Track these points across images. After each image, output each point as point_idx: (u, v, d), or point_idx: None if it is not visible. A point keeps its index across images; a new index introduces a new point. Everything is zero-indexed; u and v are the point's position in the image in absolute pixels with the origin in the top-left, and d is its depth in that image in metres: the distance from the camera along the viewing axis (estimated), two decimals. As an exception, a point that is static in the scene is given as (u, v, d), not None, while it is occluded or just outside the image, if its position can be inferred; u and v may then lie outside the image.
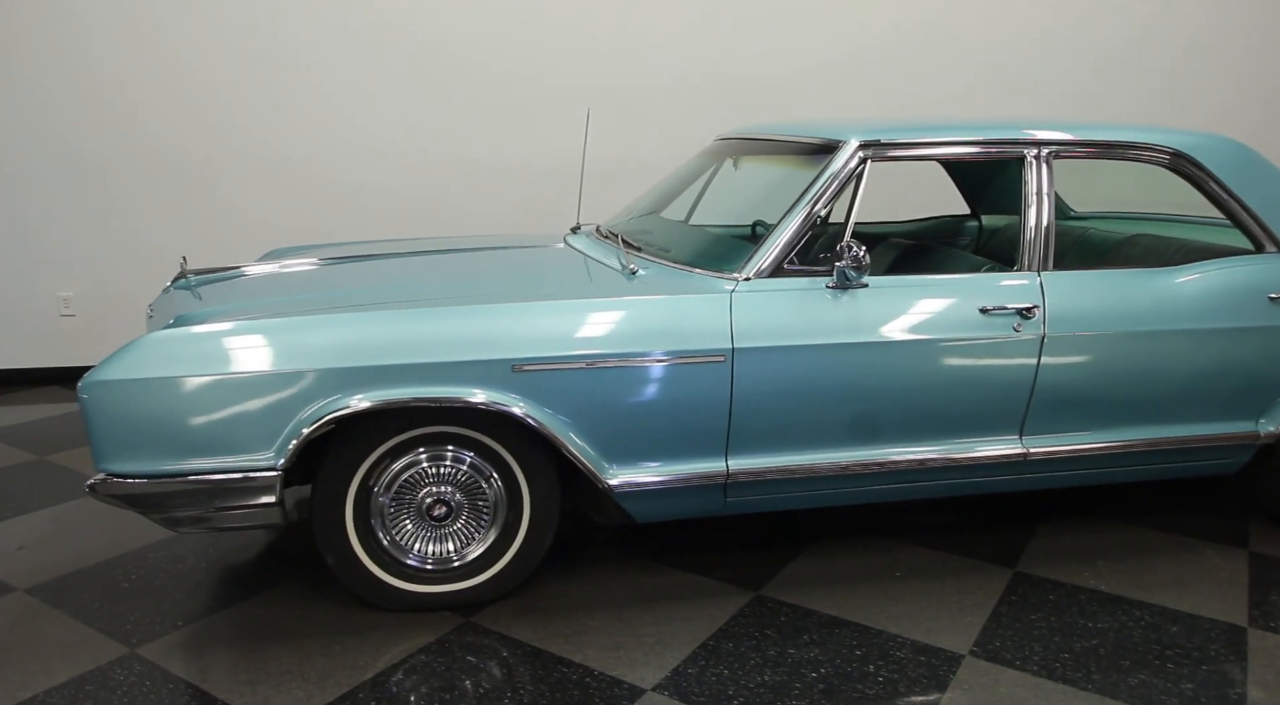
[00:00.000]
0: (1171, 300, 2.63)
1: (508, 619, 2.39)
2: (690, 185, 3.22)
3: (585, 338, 2.28)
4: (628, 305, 2.35)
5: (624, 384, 2.31)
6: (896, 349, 2.44)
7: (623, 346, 2.28)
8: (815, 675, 2.15)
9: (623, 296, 2.37)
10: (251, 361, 2.12)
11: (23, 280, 4.60)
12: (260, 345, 2.14)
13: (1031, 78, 5.20)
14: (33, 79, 4.40)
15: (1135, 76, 5.27)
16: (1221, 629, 2.37)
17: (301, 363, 2.13)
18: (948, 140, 2.64)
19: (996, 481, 2.70)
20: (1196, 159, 2.74)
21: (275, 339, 2.15)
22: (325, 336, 2.16)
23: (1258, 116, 5.32)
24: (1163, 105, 5.29)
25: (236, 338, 2.14)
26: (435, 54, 4.69)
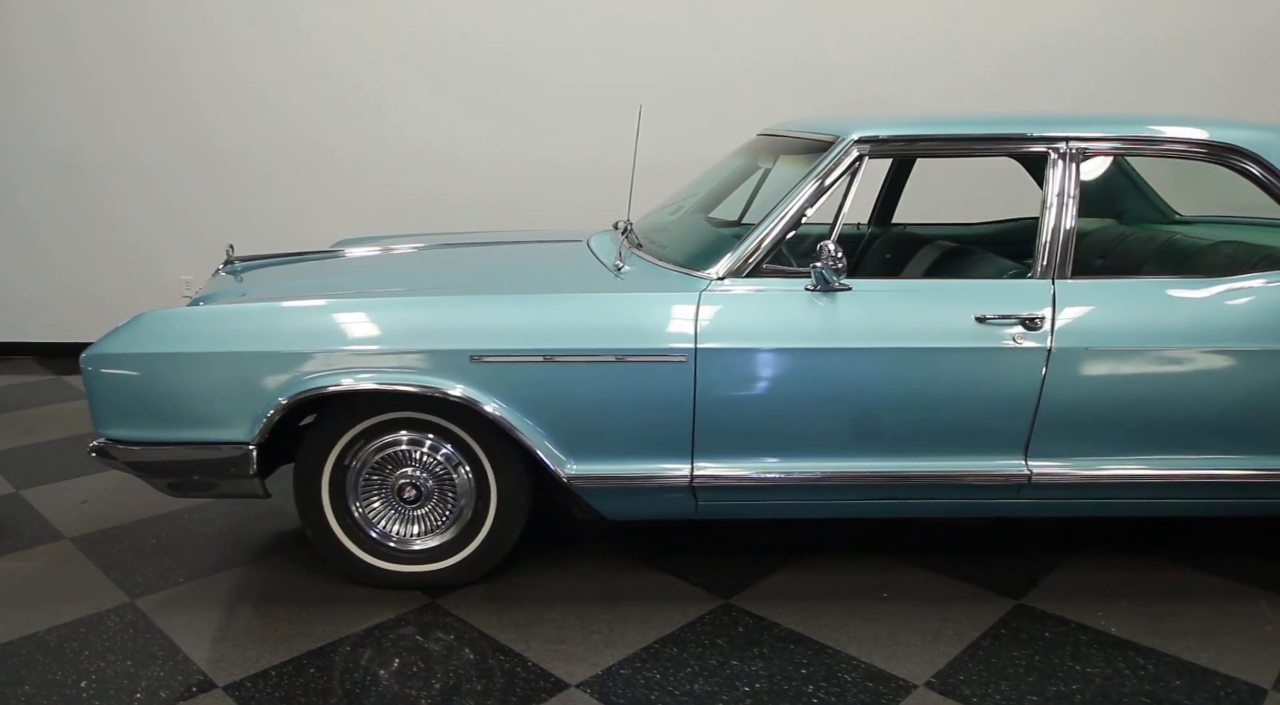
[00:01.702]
0: (1213, 314, 2.33)
1: (470, 604, 2.45)
2: (722, 181, 3.16)
3: (544, 332, 2.29)
4: (590, 302, 2.34)
5: (583, 379, 2.30)
6: (876, 357, 2.30)
7: (582, 342, 2.28)
8: (747, 689, 2.07)
9: (586, 293, 2.38)
10: (229, 342, 2.27)
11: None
12: (238, 327, 2.30)
13: (1074, 70, 4.74)
14: (89, 79, 4.87)
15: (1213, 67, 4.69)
16: (1236, 689, 2.09)
17: (271, 345, 2.27)
18: (955, 135, 2.46)
19: (998, 504, 2.49)
20: (1260, 155, 2.42)
21: (252, 322, 2.30)
22: (295, 322, 2.30)
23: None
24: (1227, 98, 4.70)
25: (219, 319, 2.31)
26: (486, 56, 4.82)
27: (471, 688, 2.07)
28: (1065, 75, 4.77)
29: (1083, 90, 4.77)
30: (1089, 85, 4.77)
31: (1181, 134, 2.45)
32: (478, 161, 4.96)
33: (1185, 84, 4.73)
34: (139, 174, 5.02)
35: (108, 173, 5.02)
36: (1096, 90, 4.78)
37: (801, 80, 4.82)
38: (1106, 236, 3.48)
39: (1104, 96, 4.80)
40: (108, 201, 5.06)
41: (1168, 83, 4.75)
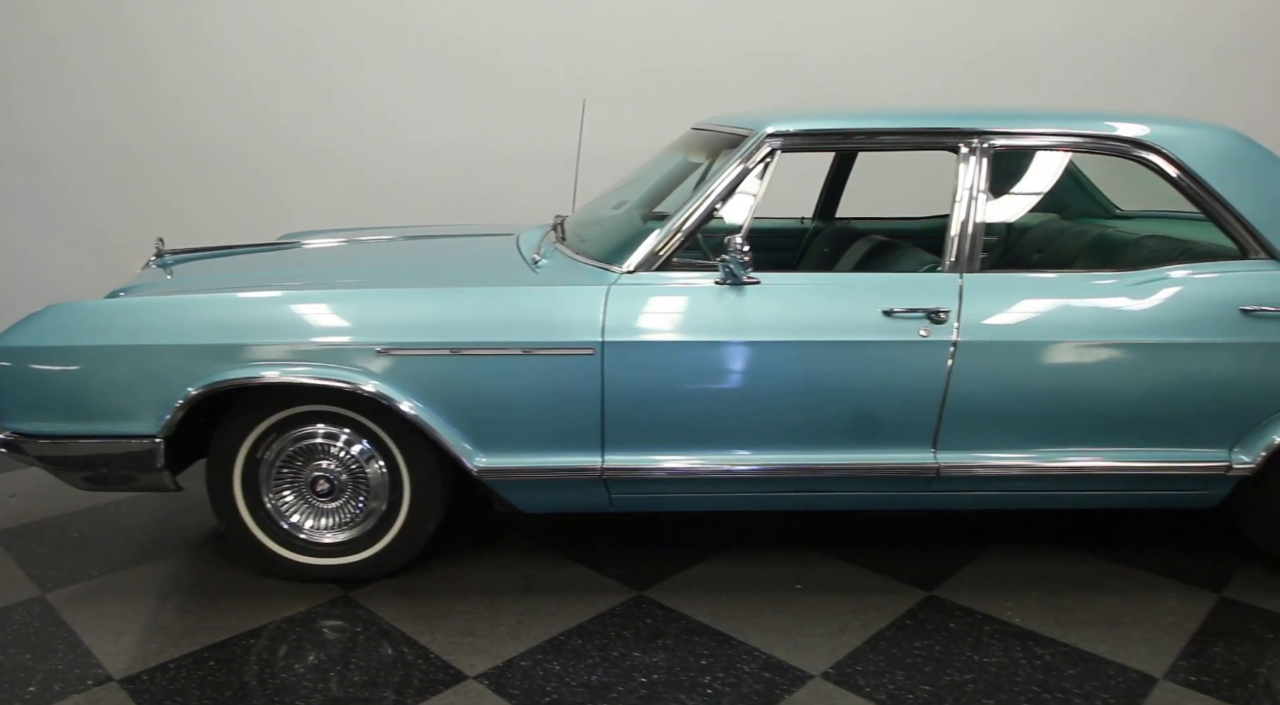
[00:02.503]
0: (1122, 308, 2.35)
1: (383, 597, 2.45)
2: (651, 174, 3.16)
3: (451, 324, 2.30)
4: (497, 294, 2.35)
5: (491, 372, 2.31)
6: (783, 350, 2.31)
7: (489, 335, 2.29)
8: (644, 680, 2.08)
9: (493, 286, 2.38)
10: (136, 334, 2.27)
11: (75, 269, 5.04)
12: (145, 320, 2.29)
13: (1061, 67, 4.78)
14: (75, 76, 4.82)
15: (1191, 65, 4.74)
16: (1127, 677, 2.11)
17: (177, 338, 2.26)
18: (866, 129, 2.48)
19: (910, 497, 2.51)
20: (1167, 151, 2.43)
21: (159, 314, 2.30)
22: (202, 315, 2.29)
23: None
24: (1206, 97, 4.73)
25: (127, 312, 2.31)
26: (460, 47, 4.80)
27: (369, 679, 2.08)
28: (1044, 73, 4.80)
29: (1058, 88, 4.79)
30: (1064, 83, 4.80)
31: (1090, 129, 2.47)
32: (459, 154, 4.92)
33: (1163, 82, 4.77)
34: (110, 164, 4.94)
35: (79, 163, 4.94)
36: (1071, 88, 4.81)
37: (779, 76, 4.82)
38: (1045, 231, 3.50)
39: (1078, 95, 4.83)
40: (76, 192, 5.00)
41: (1144, 80, 4.79)
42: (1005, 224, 3.75)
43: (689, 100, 4.87)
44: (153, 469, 2.33)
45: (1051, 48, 4.80)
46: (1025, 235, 3.63)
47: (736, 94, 4.75)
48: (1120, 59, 4.80)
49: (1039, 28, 4.78)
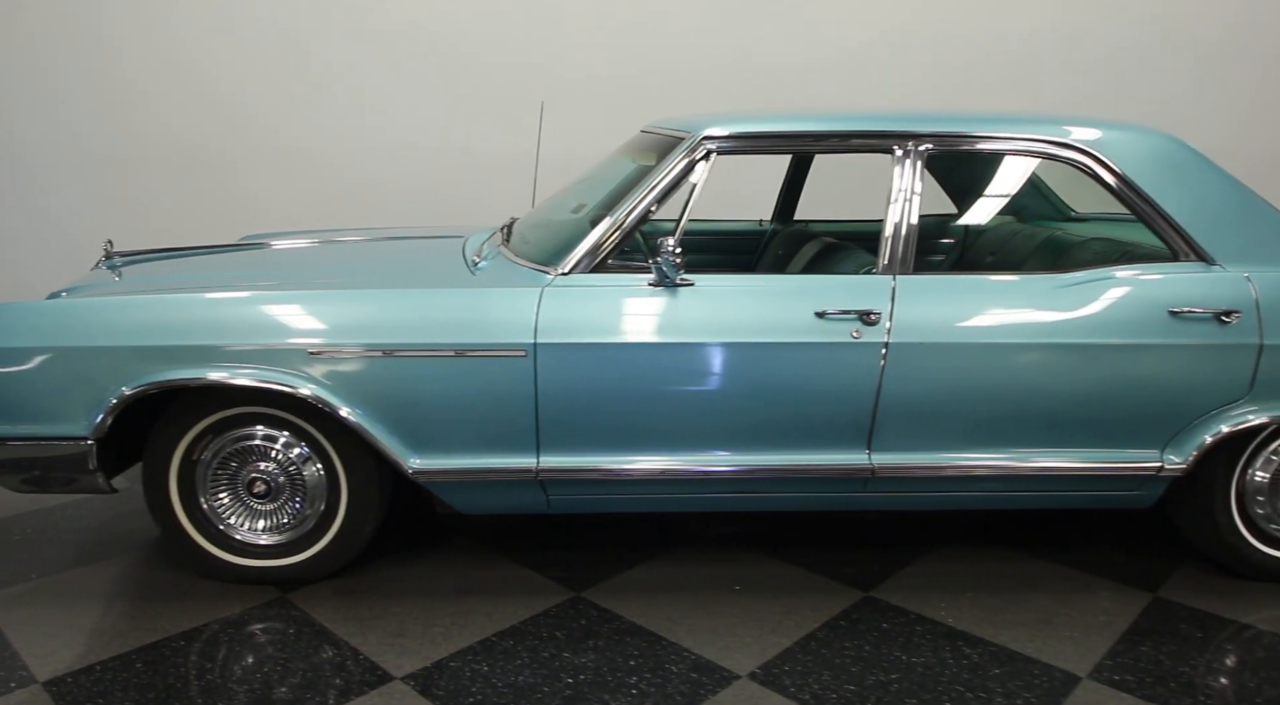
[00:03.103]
0: (1053, 309, 2.37)
1: (320, 598, 2.45)
2: (599, 176, 3.17)
3: (383, 326, 2.30)
4: (429, 296, 2.36)
5: (424, 374, 2.31)
6: (715, 351, 2.33)
7: (420, 337, 2.29)
8: (570, 681, 2.09)
9: (425, 288, 2.39)
10: (65, 337, 2.27)
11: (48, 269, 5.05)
12: (75, 322, 2.29)
13: (1055, 68, 4.82)
14: (51, 77, 4.80)
15: (1169, 68, 4.80)
16: (1051, 676, 2.12)
17: (108, 340, 2.26)
18: (801, 132, 2.49)
19: (846, 498, 2.52)
20: (1101, 155, 2.45)
21: (89, 317, 2.30)
22: (134, 317, 2.29)
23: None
24: (1189, 100, 4.81)
25: (58, 314, 2.31)
26: (447, 48, 4.81)
27: (295, 681, 2.08)
28: (1030, 74, 4.86)
29: (1046, 89, 4.84)
30: (1051, 84, 4.85)
31: (1024, 133, 2.48)
32: (437, 154, 4.92)
33: (1147, 84, 4.84)
34: (83, 163, 4.92)
35: (51, 163, 4.92)
36: (1060, 89, 4.85)
37: (755, 79, 4.84)
38: (1000, 234, 3.53)
39: (1066, 96, 4.87)
40: (48, 193, 4.98)
41: (1131, 81, 4.85)
42: (963, 226, 3.78)
43: (665, 103, 4.86)
44: (86, 471, 2.33)
45: (1038, 48, 4.84)
46: (982, 238, 3.66)
47: (715, 96, 4.79)
48: (1105, 59, 4.86)
49: (1023, 28, 4.82)
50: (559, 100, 4.72)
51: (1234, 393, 2.38)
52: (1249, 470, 2.53)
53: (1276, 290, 2.36)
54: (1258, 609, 2.45)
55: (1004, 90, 4.84)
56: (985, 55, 4.84)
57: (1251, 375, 2.36)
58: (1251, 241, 2.42)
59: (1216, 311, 2.34)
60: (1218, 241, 2.41)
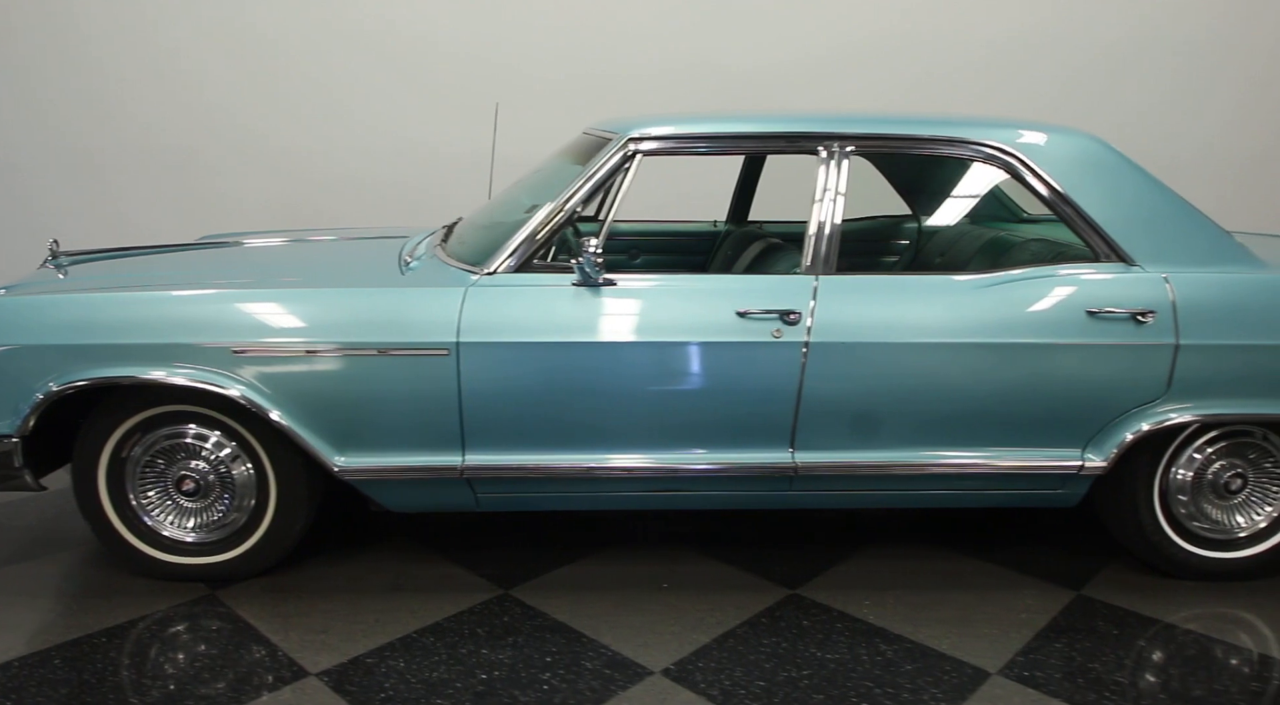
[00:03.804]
0: (972, 309, 2.39)
1: (248, 595, 2.47)
2: (538, 177, 3.19)
3: (307, 326, 2.32)
4: (353, 296, 2.38)
5: (348, 373, 2.33)
6: (636, 350, 2.35)
7: (343, 336, 2.31)
8: (484, 677, 2.11)
9: (350, 287, 2.41)
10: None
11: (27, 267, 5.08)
12: (1, 320, 2.31)
13: (1031, 70, 4.84)
14: (31, 75, 4.81)
15: (1148, 70, 4.83)
16: (962, 673, 2.14)
17: (29, 338, 2.28)
18: (727, 133, 2.52)
19: (771, 496, 2.54)
20: (1023, 157, 2.47)
21: (14, 315, 2.32)
22: (56, 315, 2.31)
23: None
24: (1174, 101, 4.84)
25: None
26: (429, 46, 4.82)
27: (210, 677, 2.10)
28: (1000, 81, 4.89)
29: (1031, 89, 4.87)
30: (1019, 91, 4.88)
31: (948, 134, 2.51)
32: (416, 154, 4.92)
33: (1129, 85, 4.88)
34: (57, 162, 4.93)
35: (27, 160, 4.93)
36: (1047, 89, 4.88)
37: (737, 80, 4.86)
38: (950, 235, 3.55)
39: (1052, 97, 4.89)
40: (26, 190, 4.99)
41: (1112, 82, 4.89)
42: (916, 228, 3.81)
43: (639, 105, 4.90)
44: (12, 469, 2.35)
45: (1015, 51, 4.87)
46: (934, 239, 3.68)
47: (688, 98, 4.82)
48: (1084, 63, 4.90)
49: (1004, 31, 4.85)
50: (543, 100, 4.76)
51: (1152, 392, 2.40)
52: (1172, 469, 2.55)
53: (1193, 291, 2.38)
54: (1179, 608, 2.48)
55: (984, 93, 4.87)
56: (965, 59, 4.87)
57: (1169, 375, 2.38)
58: (1171, 243, 2.45)
59: (1133, 311, 2.36)
60: (1137, 243, 2.43)
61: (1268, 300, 2.41)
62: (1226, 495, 2.57)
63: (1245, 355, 2.39)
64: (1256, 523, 2.59)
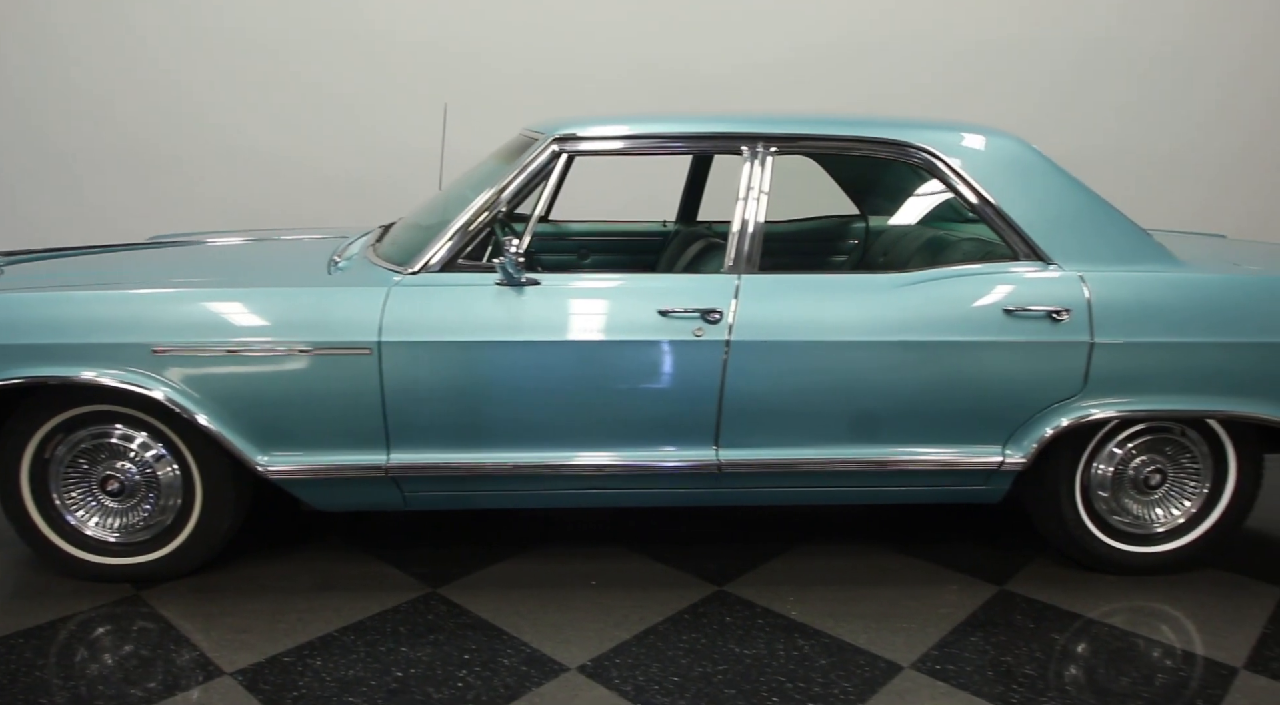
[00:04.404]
0: (892, 308, 2.42)
1: (174, 595, 2.47)
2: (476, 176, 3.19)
3: (227, 325, 2.32)
4: (277, 295, 2.38)
5: (270, 373, 2.33)
6: (557, 349, 2.36)
7: (263, 335, 2.32)
8: (400, 674, 2.12)
9: (272, 287, 2.41)
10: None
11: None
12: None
13: (1010, 72, 4.90)
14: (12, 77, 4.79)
15: (1124, 69, 4.90)
16: (875, 667, 2.17)
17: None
18: (652, 133, 2.53)
19: (697, 494, 2.56)
20: (943, 156, 2.50)
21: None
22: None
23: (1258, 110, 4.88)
24: (1153, 98, 4.91)
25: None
26: (408, 47, 4.81)
27: (124, 677, 2.09)
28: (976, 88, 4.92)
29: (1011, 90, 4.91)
30: (1018, 84, 4.92)
31: (870, 134, 2.53)
32: (394, 153, 4.89)
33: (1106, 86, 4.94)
34: (43, 166, 4.88)
35: None
36: (1030, 89, 4.93)
37: (713, 82, 4.86)
38: (893, 234, 3.58)
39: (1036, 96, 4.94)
40: None
41: (1091, 83, 4.94)
42: (864, 227, 3.84)
43: (623, 104, 4.93)
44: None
45: (996, 54, 4.92)
46: (880, 238, 3.71)
47: (667, 99, 4.85)
48: (1066, 63, 4.95)
49: (985, 34, 4.90)
50: (532, 100, 4.75)
51: (1069, 389, 2.43)
52: (1093, 464, 2.59)
53: (1108, 289, 2.42)
54: (1099, 603, 2.51)
55: (959, 95, 4.90)
56: (939, 61, 4.90)
57: (1085, 372, 2.42)
58: (1088, 243, 2.48)
59: (1049, 309, 2.39)
60: (1055, 242, 2.47)
61: (1182, 298, 2.45)
62: (1147, 490, 2.61)
63: (1161, 352, 2.43)
64: (1175, 518, 2.63)
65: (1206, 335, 2.42)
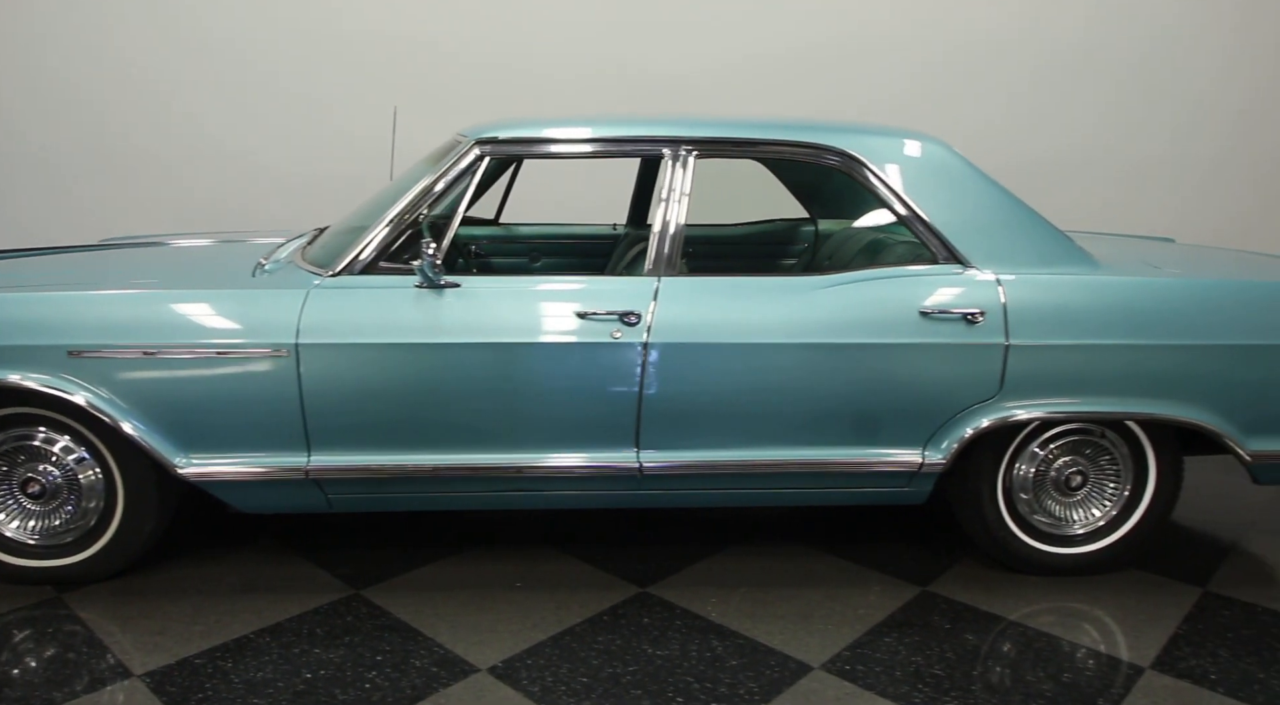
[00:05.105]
0: (810, 310, 2.43)
1: (95, 598, 2.46)
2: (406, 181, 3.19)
3: (143, 327, 2.32)
4: (194, 298, 2.38)
5: (188, 375, 2.34)
6: (476, 352, 2.37)
7: (180, 337, 2.32)
8: (309, 676, 2.12)
9: (193, 289, 2.42)
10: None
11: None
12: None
13: (985, 76, 4.94)
14: None
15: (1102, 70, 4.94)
16: (786, 667, 2.18)
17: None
18: (573, 137, 2.54)
19: (620, 495, 2.57)
20: (862, 159, 2.52)
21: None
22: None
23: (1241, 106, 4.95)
24: (1130, 102, 4.96)
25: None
26: (383, 43, 4.81)
27: (31, 679, 2.09)
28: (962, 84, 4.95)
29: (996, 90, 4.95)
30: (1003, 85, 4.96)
31: (791, 137, 2.55)
32: None
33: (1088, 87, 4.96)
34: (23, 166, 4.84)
35: None
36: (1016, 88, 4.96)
37: (688, 85, 4.88)
38: (840, 238, 3.60)
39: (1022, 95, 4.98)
40: None
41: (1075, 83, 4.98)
42: (813, 230, 3.86)
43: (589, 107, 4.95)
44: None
45: (978, 55, 4.94)
46: (828, 241, 3.73)
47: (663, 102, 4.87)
48: (1042, 68, 4.98)
49: (964, 37, 4.93)
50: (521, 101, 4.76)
51: (986, 391, 2.45)
52: (1015, 465, 2.61)
53: (1022, 292, 2.44)
54: (1020, 604, 2.53)
55: (934, 96, 4.94)
56: (911, 63, 4.93)
57: (1000, 374, 2.43)
58: (1006, 246, 2.50)
59: (965, 312, 2.41)
60: (973, 245, 2.49)
61: (1098, 300, 2.47)
62: (1068, 492, 2.63)
63: (1077, 354, 2.45)
64: (1096, 519, 2.65)
65: (1122, 337, 2.44)
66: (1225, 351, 2.47)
